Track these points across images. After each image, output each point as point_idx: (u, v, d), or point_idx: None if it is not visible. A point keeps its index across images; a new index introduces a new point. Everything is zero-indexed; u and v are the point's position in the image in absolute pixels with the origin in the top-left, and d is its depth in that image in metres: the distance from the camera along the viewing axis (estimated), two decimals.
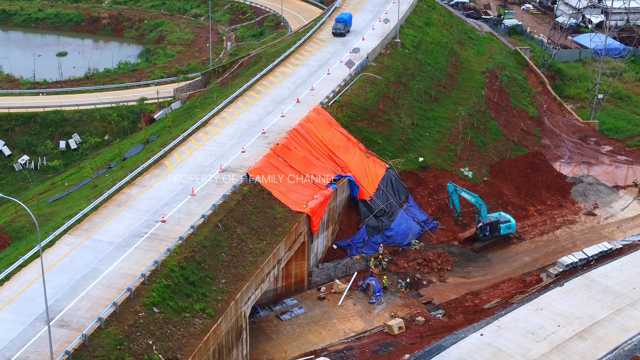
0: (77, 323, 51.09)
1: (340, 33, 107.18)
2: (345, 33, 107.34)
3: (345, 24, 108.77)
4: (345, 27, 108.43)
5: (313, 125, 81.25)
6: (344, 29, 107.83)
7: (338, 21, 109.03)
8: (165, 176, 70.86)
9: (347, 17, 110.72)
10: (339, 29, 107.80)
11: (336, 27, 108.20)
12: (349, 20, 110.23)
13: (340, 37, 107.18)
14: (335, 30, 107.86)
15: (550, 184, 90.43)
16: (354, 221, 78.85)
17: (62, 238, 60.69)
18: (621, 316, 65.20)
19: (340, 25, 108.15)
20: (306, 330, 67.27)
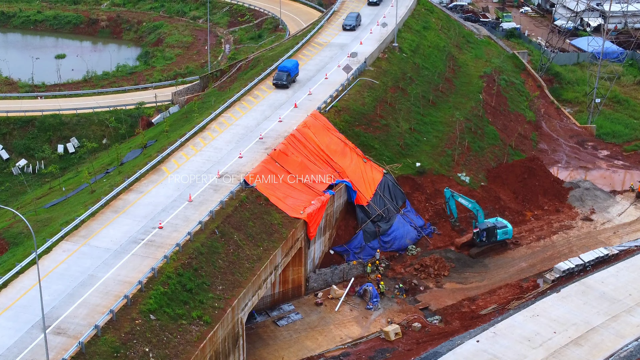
0: (73, 330, 51.23)
1: (283, 84, 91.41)
2: (288, 84, 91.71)
3: (289, 74, 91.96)
4: (289, 78, 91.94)
5: (310, 131, 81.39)
6: (286, 80, 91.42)
7: (280, 70, 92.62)
8: (163, 182, 71.00)
9: (291, 65, 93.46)
10: (280, 79, 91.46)
11: (278, 76, 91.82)
12: (294, 68, 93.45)
13: (283, 88, 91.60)
14: (277, 82, 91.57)
15: (547, 189, 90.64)
16: (351, 226, 78.98)
17: (59, 244, 60.84)
18: (617, 322, 65.30)
19: (283, 75, 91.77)
20: (303, 336, 67.41)
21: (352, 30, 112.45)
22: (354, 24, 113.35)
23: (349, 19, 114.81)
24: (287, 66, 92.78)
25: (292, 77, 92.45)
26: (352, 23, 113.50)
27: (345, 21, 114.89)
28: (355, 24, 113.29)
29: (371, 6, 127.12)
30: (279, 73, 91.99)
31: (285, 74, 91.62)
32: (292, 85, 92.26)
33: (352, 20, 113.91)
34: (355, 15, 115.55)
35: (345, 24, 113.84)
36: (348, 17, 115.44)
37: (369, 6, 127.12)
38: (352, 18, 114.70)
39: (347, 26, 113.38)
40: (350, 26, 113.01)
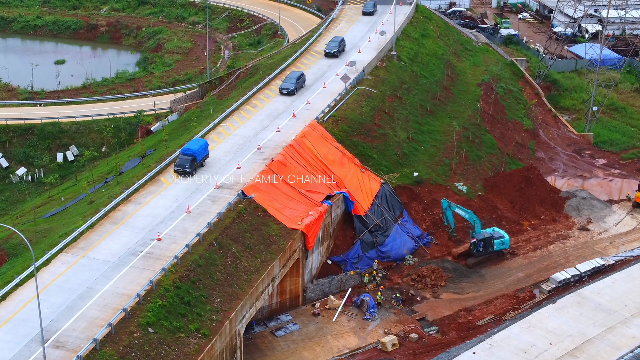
0: (72, 344, 51.61)
1: (185, 171, 72.83)
2: (193, 171, 73.16)
3: (194, 158, 72.85)
4: (194, 164, 72.92)
5: (308, 141, 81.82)
6: (190, 167, 72.60)
7: (184, 154, 73.35)
8: (161, 193, 71.37)
9: (198, 146, 73.86)
10: (183, 165, 72.65)
11: (180, 162, 72.95)
12: (202, 150, 74.07)
13: (186, 175, 73.22)
14: (178, 168, 73.15)
15: (544, 199, 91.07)
16: (348, 236, 79.38)
17: (58, 256, 61.24)
18: (613, 334, 65.67)
19: (186, 161, 72.59)
20: (300, 346, 67.79)
21: (334, 57, 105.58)
22: (336, 49, 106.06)
23: (331, 45, 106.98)
24: (191, 149, 73.15)
25: (200, 161, 73.39)
26: (334, 49, 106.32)
27: (327, 47, 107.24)
28: (337, 50, 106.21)
29: (366, 16, 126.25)
30: (181, 158, 72.57)
31: (190, 160, 72.37)
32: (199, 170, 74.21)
33: (335, 46, 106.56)
34: (339, 39, 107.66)
35: (328, 50, 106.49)
36: (331, 42, 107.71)
37: (364, 16, 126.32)
38: (335, 43, 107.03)
39: (329, 52, 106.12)
40: (332, 52, 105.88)
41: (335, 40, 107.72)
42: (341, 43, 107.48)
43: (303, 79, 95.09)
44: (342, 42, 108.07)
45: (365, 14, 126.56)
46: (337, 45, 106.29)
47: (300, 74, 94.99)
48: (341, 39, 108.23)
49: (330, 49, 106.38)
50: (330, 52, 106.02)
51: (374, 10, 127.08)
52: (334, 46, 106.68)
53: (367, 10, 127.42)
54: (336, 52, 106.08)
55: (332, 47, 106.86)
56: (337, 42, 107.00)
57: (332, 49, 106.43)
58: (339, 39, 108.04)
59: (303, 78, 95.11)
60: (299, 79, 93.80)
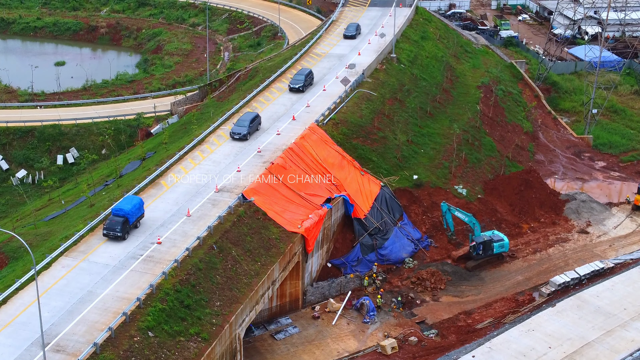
0: (72, 348, 51.74)
1: (116, 236, 63.61)
2: (125, 235, 63.68)
3: (127, 221, 63.57)
4: (126, 226, 63.56)
5: (308, 144, 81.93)
6: (121, 230, 63.17)
7: (115, 214, 64.07)
8: (161, 196, 71.51)
9: (131, 206, 64.32)
10: (113, 229, 63.38)
11: (109, 225, 63.60)
12: (136, 210, 64.87)
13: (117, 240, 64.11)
14: (107, 232, 63.82)
15: (543, 201, 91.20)
16: (348, 239, 79.52)
17: (58, 260, 61.35)
18: (612, 337, 65.75)
19: (116, 224, 63.14)
20: (300, 349, 67.91)
21: (298, 92, 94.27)
22: (301, 84, 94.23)
23: (296, 78, 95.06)
24: (124, 209, 63.66)
25: (134, 222, 64.28)
26: (299, 83, 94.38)
27: (291, 81, 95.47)
28: (303, 84, 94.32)
29: (348, 39, 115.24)
30: (111, 220, 63.31)
31: (121, 222, 62.94)
32: None
33: (301, 80, 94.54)
34: (305, 72, 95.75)
35: (292, 85, 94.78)
36: (296, 75, 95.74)
37: (345, 39, 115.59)
38: (301, 76, 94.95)
39: (293, 87, 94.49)
40: (297, 87, 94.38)
41: (301, 73, 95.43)
42: (308, 76, 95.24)
43: (258, 121, 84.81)
44: (310, 75, 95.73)
45: (347, 38, 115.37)
46: (304, 79, 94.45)
47: (255, 116, 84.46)
48: (309, 71, 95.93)
49: (295, 84, 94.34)
50: (295, 87, 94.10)
51: (356, 33, 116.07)
52: (299, 80, 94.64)
53: (349, 33, 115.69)
54: (301, 87, 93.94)
55: (297, 81, 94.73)
56: (304, 75, 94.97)
57: (297, 83, 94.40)
58: (306, 71, 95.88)
59: (258, 120, 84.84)
60: (252, 121, 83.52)
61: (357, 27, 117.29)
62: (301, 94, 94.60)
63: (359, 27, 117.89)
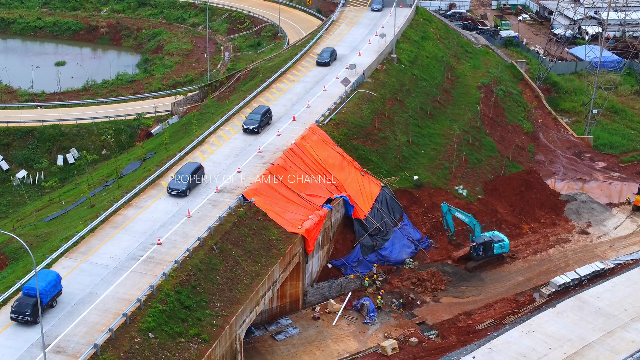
0: (73, 349, 51.74)
1: (26, 320, 53.85)
2: (35, 319, 53.61)
3: (40, 302, 50.16)
4: (36, 309, 53.37)
5: (308, 144, 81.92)
6: (31, 313, 53.46)
7: (25, 293, 54.55)
8: (162, 196, 71.47)
9: (44, 285, 54.25)
10: (22, 312, 53.73)
11: (17, 308, 53.88)
12: (51, 287, 54.97)
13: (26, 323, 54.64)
14: (14, 315, 54.09)
15: (544, 202, 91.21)
16: (348, 240, 79.52)
17: (58, 261, 61.35)
18: (612, 338, 65.72)
19: (26, 306, 53.68)
20: (300, 350, 67.90)
21: (254, 133, 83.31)
22: (256, 125, 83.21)
23: (251, 118, 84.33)
24: (36, 288, 53.22)
25: (49, 302, 55.11)
26: (254, 124, 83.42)
27: (245, 121, 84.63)
28: (258, 125, 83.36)
29: (321, 66, 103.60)
30: (20, 302, 54.00)
31: (31, 305, 53.58)
32: None
33: (256, 120, 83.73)
34: (263, 110, 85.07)
35: (246, 126, 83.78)
36: (251, 114, 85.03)
37: (318, 66, 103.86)
38: (257, 115, 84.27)
39: (247, 128, 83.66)
40: (251, 128, 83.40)
41: (257, 112, 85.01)
42: (265, 114, 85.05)
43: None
44: (268, 113, 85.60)
45: (320, 65, 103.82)
46: (259, 119, 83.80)
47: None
48: (266, 109, 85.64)
49: (248, 124, 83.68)
50: (248, 127, 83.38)
51: (330, 60, 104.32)
52: (254, 120, 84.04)
53: (323, 60, 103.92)
54: (256, 129, 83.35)
55: (251, 121, 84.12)
56: (260, 114, 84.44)
57: (252, 124, 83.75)
58: (264, 109, 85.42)
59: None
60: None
61: (332, 52, 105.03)
62: None
63: (334, 52, 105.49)
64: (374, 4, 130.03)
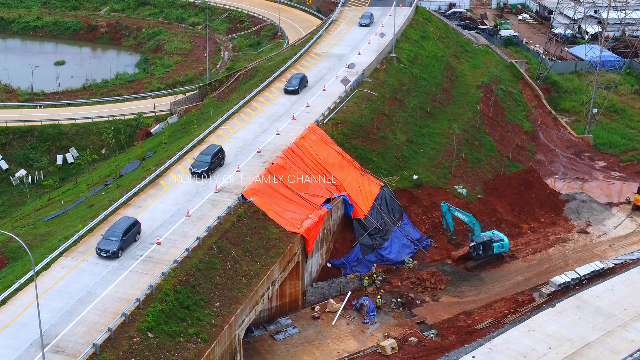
0: (72, 349, 51.67)
1: None
2: None
3: None
4: None
5: (308, 144, 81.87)
6: None
7: None
8: (161, 196, 71.43)
9: None
10: None
11: None
12: None
13: None
14: None
15: (543, 202, 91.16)
16: (348, 239, 79.46)
17: (57, 260, 61.27)
18: (612, 338, 65.65)
19: None
20: (300, 350, 67.84)
21: (202, 177, 74.25)
22: (203, 169, 74.18)
23: (198, 160, 75.05)
24: None
25: None
26: (202, 166, 74.33)
27: (192, 164, 75.01)
28: (205, 170, 74.00)
29: (289, 95, 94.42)
30: None
31: None
32: None
33: (204, 163, 74.61)
34: (212, 151, 75.87)
35: (193, 169, 74.38)
36: (200, 156, 75.62)
37: (286, 94, 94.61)
38: (206, 157, 75.07)
39: (194, 171, 74.19)
40: (199, 171, 73.97)
41: (206, 153, 75.15)
42: (216, 155, 75.44)
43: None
44: (220, 153, 76.12)
45: (288, 93, 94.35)
46: (207, 163, 74.31)
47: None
48: (218, 149, 76.06)
49: (196, 167, 74.33)
50: (196, 171, 74.10)
51: (299, 87, 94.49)
52: (202, 162, 74.61)
53: (290, 87, 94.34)
54: (205, 172, 73.93)
55: (199, 164, 74.51)
56: (210, 154, 74.89)
57: (200, 167, 74.15)
58: (214, 150, 75.81)
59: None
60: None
61: (302, 79, 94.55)
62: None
63: (304, 79, 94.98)
64: (362, 19, 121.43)
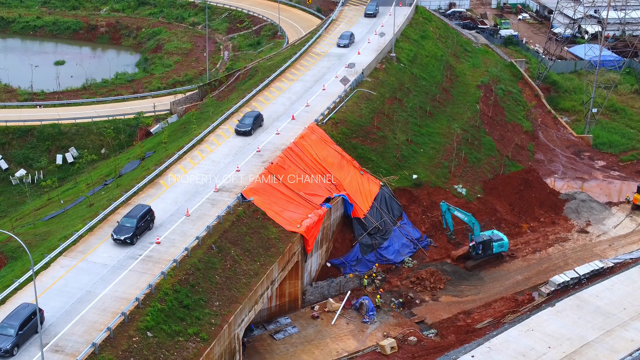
0: (71, 348, 51.67)
1: None
2: None
3: None
4: None
5: (307, 143, 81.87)
6: None
7: None
8: (161, 196, 71.43)
9: None
10: None
11: None
12: None
13: None
14: None
15: (543, 201, 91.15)
16: (348, 239, 79.46)
17: (57, 260, 61.28)
18: (611, 337, 65.64)
19: None
20: (299, 349, 67.83)
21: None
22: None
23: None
24: None
25: None
26: (127, 233, 63.33)
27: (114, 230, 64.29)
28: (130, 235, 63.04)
29: (240, 136, 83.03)
30: None
31: None
32: None
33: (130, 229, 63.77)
34: (139, 212, 65.08)
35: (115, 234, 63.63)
36: (121, 221, 64.57)
37: (237, 136, 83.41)
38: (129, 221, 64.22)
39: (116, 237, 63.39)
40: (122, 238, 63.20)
41: (132, 216, 64.49)
42: (143, 218, 64.90)
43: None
44: (148, 214, 65.48)
45: (240, 134, 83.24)
46: (135, 225, 63.74)
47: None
48: (146, 210, 65.48)
49: (118, 233, 63.34)
50: (119, 238, 63.20)
51: (251, 128, 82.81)
52: (126, 228, 63.68)
53: (241, 128, 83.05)
54: (128, 239, 63.12)
55: (123, 230, 63.52)
56: (136, 217, 64.27)
57: (123, 234, 63.23)
58: (141, 211, 65.08)
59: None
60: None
61: (257, 117, 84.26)
62: None
63: (259, 117, 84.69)
64: (341, 39, 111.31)
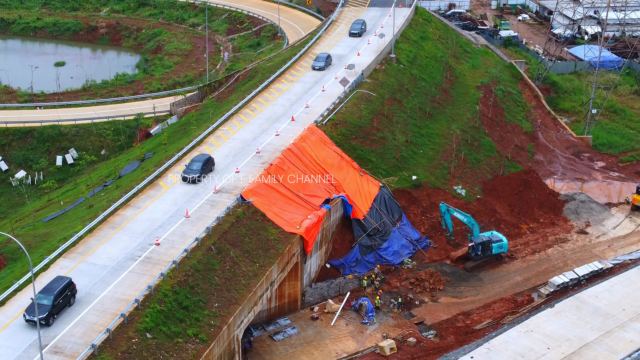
0: (70, 349, 51.74)
1: None
2: None
3: None
4: None
5: (307, 145, 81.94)
6: None
7: None
8: (160, 197, 71.51)
9: None
10: None
11: None
12: None
13: None
14: None
15: (542, 202, 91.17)
16: (347, 240, 79.51)
17: (56, 261, 61.36)
18: (610, 338, 65.71)
19: None
20: (299, 350, 67.89)
21: None
22: None
23: None
24: None
25: None
26: None
27: None
28: None
29: (186, 183, 73.90)
30: None
31: None
32: None
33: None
34: None
35: None
36: None
37: (183, 182, 74.55)
38: None
39: None
40: None
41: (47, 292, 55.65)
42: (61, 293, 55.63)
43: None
44: (69, 286, 56.15)
45: (186, 181, 74.05)
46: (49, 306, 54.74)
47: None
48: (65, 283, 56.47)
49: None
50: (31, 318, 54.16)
51: (200, 173, 74.13)
52: None
53: (188, 175, 74.03)
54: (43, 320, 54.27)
55: None
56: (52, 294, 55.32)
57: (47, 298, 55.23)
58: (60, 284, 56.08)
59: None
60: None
61: (207, 161, 75.55)
62: None
63: (209, 161, 75.88)
64: (317, 62, 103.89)
